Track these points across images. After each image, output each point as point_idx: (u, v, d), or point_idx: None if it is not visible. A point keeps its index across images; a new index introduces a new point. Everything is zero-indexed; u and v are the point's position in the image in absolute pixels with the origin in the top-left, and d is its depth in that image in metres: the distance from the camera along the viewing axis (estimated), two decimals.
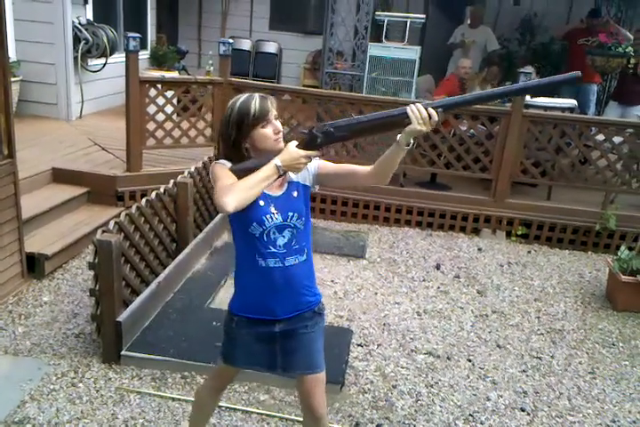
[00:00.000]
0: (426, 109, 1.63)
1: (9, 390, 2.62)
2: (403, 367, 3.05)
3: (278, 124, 1.79)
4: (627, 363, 3.30)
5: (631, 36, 6.27)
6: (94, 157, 4.99)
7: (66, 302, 3.44)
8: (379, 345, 3.23)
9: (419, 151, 4.96)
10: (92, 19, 6.17)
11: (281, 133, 1.79)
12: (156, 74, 5.89)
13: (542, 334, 3.53)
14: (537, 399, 2.90)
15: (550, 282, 4.25)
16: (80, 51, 5.88)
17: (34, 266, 3.62)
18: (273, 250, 1.80)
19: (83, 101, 6.11)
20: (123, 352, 2.83)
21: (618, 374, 3.18)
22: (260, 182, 1.66)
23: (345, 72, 6.00)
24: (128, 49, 4.43)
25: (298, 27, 8.64)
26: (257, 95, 1.79)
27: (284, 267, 1.82)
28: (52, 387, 2.67)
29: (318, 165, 1.87)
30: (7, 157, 3.29)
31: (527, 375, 3.09)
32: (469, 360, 3.17)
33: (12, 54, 5.37)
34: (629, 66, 6.10)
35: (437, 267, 4.32)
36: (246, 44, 8.66)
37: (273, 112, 1.78)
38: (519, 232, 4.93)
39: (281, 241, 1.81)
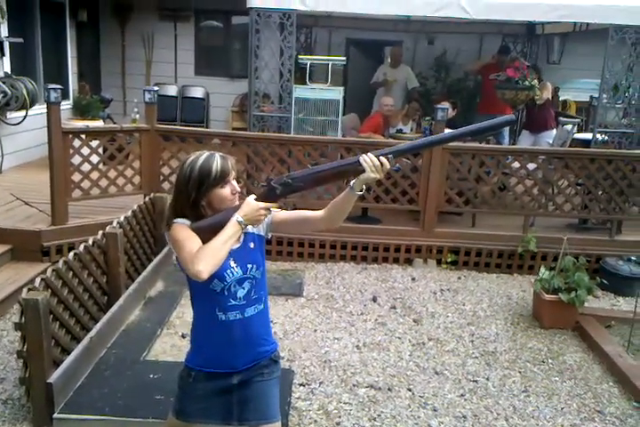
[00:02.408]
0: (377, 158, 1.70)
1: None
2: (345, 403, 3.07)
3: (236, 184, 1.81)
4: (557, 379, 3.46)
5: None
6: (16, 213, 4.85)
7: None
8: (321, 383, 3.24)
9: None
10: (9, 71, 6.08)
11: (237, 194, 1.81)
12: (80, 124, 5.84)
13: (477, 357, 3.65)
14: (476, 422, 2.99)
15: (481, 306, 4.43)
16: None
17: None
18: (234, 303, 1.82)
19: (2, 155, 5.94)
20: (55, 415, 2.70)
21: (549, 390, 3.33)
22: (226, 242, 1.67)
23: (272, 114, 6.13)
24: (49, 101, 4.40)
25: (223, 71, 8.83)
26: (217, 155, 1.78)
27: (243, 318, 1.83)
28: None
29: (271, 214, 1.88)
30: None
31: (465, 399, 3.18)
32: (409, 390, 3.23)
33: None
34: (536, 97, 6.59)
35: (374, 299, 4.41)
36: (172, 90, 8.73)
37: (233, 174, 1.78)
38: (449, 259, 5.12)
39: (241, 293, 1.82)
